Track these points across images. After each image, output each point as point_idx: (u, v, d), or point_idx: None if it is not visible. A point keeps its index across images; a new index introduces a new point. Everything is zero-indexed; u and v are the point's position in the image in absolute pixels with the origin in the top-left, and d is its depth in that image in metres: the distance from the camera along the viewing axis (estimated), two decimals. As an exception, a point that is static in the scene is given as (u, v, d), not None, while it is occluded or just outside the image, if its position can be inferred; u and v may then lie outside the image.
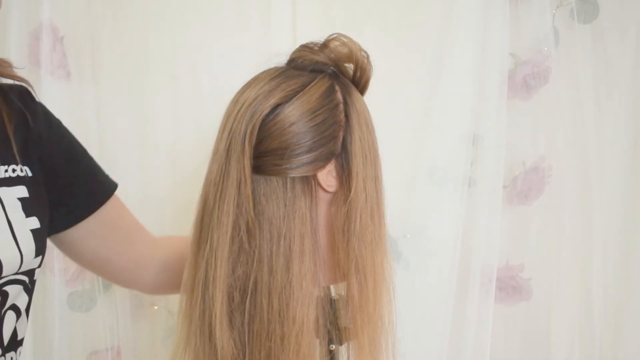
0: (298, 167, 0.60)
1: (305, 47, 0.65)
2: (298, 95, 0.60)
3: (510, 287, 1.16)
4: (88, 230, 0.73)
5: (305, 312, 0.60)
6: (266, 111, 0.60)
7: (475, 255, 1.11)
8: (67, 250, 0.76)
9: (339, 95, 0.63)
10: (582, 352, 1.14)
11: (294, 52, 0.65)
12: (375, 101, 0.70)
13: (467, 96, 1.08)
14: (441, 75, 1.09)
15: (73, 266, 1.06)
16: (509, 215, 1.15)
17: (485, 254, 1.11)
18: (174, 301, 0.95)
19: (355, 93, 0.64)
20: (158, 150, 1.09)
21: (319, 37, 0.66)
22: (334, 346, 0.71)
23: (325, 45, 0.64)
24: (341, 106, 0.62)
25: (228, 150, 0.60)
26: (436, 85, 1.09)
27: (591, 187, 1.13)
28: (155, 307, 1.12)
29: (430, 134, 1.10)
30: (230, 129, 0.60)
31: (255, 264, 0.60)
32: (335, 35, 0.64)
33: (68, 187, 0.71)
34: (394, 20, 1.11)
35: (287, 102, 0.60)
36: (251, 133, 0.59)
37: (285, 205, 0.60)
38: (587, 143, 1.12)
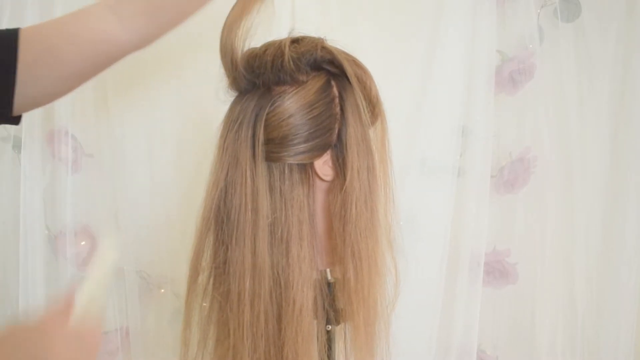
0: (295, 155, 0.62)
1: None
2: (297, 90, 0.62)
3: (497, 271, 1.18)
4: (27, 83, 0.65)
5: (304, 294, 0.62)
6: (268, 104, 0.62)
7: (464, 241, 1.13)
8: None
9: (335, 90, 0.65)
10: (565, 332, 1.17)
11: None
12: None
13: (456, 90, 1.10)
14: (432, 70, 1.10)
15: (85, 251, 1.08)
16: (496, 203, 1.16)
17: (474, 240, 1.13)
18: (180, 285, 0.96)
19: (350, 88, 0.65)
20: (165, 141, 1.11)
21: (315, 34, 0.68)
22: (330, 327, 0.73)
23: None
24: (337, 100, 0.64)
25: (237, 139, 0.62)
26: (428, 80, 1.11)
27: (574, 176, 1.14)
28: (162, 291, 1.13)
29: (422, 126, 1.12)
30: (238, 121, 0.63)
31: (257, 247, 0.62)
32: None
33: None
34: (387, 18, 1.12)
35: (286, 95, 0.62)
36: (255, 123, 0.62)
37: (284, 192, 0.62)
38: (570, 135, 1.14)
